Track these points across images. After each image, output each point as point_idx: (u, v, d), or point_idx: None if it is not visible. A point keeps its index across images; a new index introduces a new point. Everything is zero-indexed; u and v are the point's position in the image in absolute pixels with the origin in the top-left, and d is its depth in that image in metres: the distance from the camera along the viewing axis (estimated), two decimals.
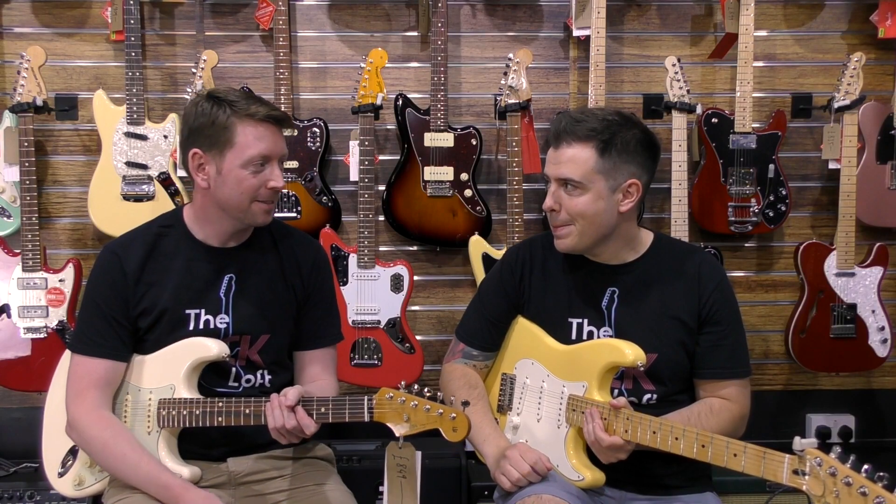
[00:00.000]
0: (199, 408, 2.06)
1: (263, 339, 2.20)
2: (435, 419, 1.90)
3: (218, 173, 2.09)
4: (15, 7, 3.24)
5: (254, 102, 2.09)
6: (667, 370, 2.14)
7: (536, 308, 2.25)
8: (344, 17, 3.33)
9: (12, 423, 3.30)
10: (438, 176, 3.19)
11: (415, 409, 1.91)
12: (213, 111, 2.07)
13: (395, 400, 1.92)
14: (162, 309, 2.14)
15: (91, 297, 2.17)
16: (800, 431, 3.19)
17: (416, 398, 1.92)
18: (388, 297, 3.16)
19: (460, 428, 1.89)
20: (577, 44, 3.30)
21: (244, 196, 2.09)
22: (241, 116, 2.06)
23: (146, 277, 2.15)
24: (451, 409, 1.90)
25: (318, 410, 1.99)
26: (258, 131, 2.07)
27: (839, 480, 1.58)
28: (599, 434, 1.95)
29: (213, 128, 2.07)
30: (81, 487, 2.17)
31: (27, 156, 3.01)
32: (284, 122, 2.13)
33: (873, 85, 3.33)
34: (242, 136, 2.06)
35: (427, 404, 1.91)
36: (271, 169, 2.10)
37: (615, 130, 2.08)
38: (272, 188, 2.10)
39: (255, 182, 2.08)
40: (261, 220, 2.15)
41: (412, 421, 1.92)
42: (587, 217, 2.10)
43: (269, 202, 2.14)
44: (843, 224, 3.21)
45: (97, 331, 2.12)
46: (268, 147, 2.08)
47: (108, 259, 2.16)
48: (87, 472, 2.16)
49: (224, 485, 2.15)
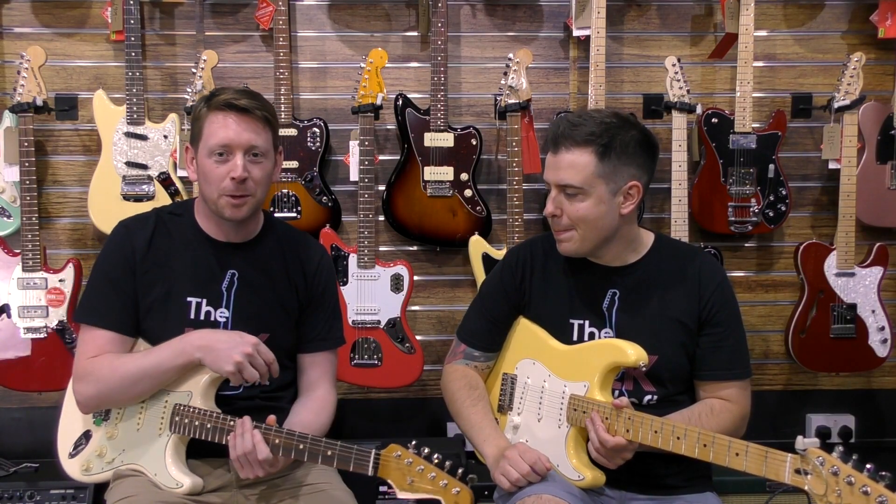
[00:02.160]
0: (211, 422, 2.05)
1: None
2: (439, 489, 1.88)
3: (198, 166, 2.13)
4: (15, 7, 3.24)
5: (227, 92, 2.08)
6: (667, 372, 2.14)
7: (537, 309, 2.25)
8: (344, 17, 3.33)
9: (12, 423, 3.30)
10: (438, 176, 3.19)
11: (420, 473, 1.89)
12: (199, 104, 2.13)
13: (403, 460, 1.90)
14: (165, 291, 2.14)
15: (101, 267, 2.18)
16: (800, 431, 3.19)
17: (423, 462, 1.89)
18: (388, 297, 3.16)
19: (462, 503, 1.88)
20: (577, 44, 3.31)
21: (212, 188, 2.09)
22: (210, 107, 2.08)
23: (152, 257, 2.16)
24: (455, 482, 1.88)
25: (325, 453, 1.98)
26: (219, 119, 2.06)
27: (841, 480, 1.58)
28: (603, 435, 1.95)
29: (195, 121, 2.13)
30: (89, 473, 2.16)
31: (27, 156, 3.01)
32: (248, 112, 2.06)
33: (873, 85, 3.33)
34: (208, 125, 2.08)
35: (433, 471, 1.88)
36: (234, 159, 2.06)
37: (614, 133, 2.08)
38: (232, 179, 2.05)
39: (219, 173, 2.06)
40: (228, 214, 2.11)
41: (415, 485, 1.90)
42: (589, 222, 2.09)
43: (235, 195, 2.08)
44: (843, 224, 3.21)
45: (104, 299, 2.13)
46: (227, 136, 2.05)
47: (120, 232, 2.19)
48: (95, 460, 2.15)
49: (227, 485, 2.14)
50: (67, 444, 2.21)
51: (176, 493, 2.06)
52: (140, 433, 2.12)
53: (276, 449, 1.98)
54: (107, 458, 2.15)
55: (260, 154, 2.10)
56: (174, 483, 2.07)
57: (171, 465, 2.08)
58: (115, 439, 2.15)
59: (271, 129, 2.13)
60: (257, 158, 2.10)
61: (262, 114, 2.09)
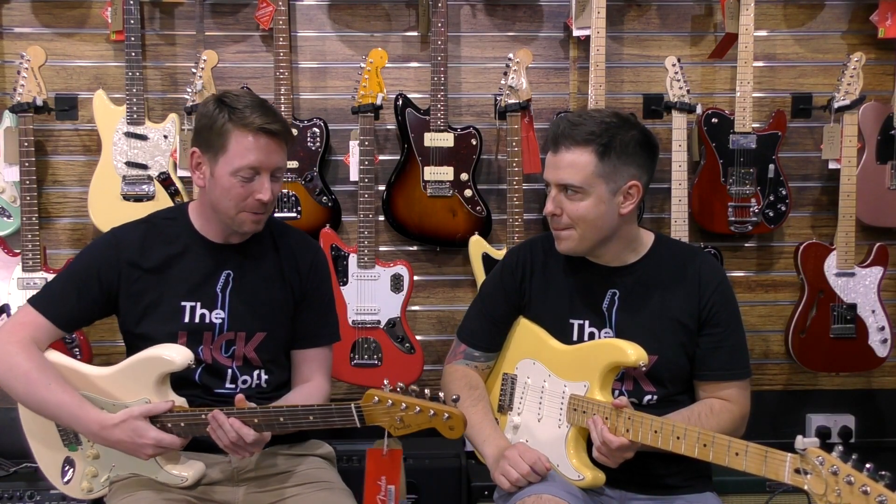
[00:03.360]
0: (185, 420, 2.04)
1: (259, 337, 2.20)
2: (430, 420, 1.88)
3: (211, 176, 2.10)
4: (15, 7, 3.24)
5: (255, 111, 2.06)
6: (667, 372, 2.14)
7: (537, 310, 2.25)
8: (344, 17, 3.33)
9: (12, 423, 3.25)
10: (438, 176, 3.19)
11: (406, 411, 1.88)
12: (215, 114, 2.08)
13: (384, 403, 1.89)
14: (158, 296, 2.15)
15: (74, 264, 2.21)
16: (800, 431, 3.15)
17: (404, 399, 1.88)
18: (388, 297, 3.16)
19: (456, 426, 1.87)
20: (577, 44, 3.31)
21: (231, 203, 2.09)
22: (237, 124, 2.05)
23: (143, 264, 2.16)
24: (444, 407, 1.87)
25: (306, 419, 1.98)
26: (250, 142, 2.05)
27: (841, 479, 1.58)
28: (607, 436, 1.95)
29: (212, 131, 2.08)
30: (93, 493, 2.17)
31: (27, 156, 3.01)
32: (280, 136, 2.09)
33: (873, 85, 3.33)
34: (235, 144, 2.06)
35: (417, 405, 1.87)
36: (261, 181, 2.08)
37: (613, 133, 2.08)
38: (258, 200, 2.08)
39: (242, 192, 2.08)
40: (248, 229, 2.14)
41: (406, 422, 1.89)
42: (588, 221, 2.10)
43: (258, 213, 2.11)
44: (843, 224, 3.21)
45: (60, 295, 2.15)
46: (258, 159, 2.06)
47: (106, 241, 2.20)
48: (92, 482, 2.16)
49: (227, 480, 2.15)
50: (54, 473, 2.22)
51: (182, 486, 2.07)
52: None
53: (258, 428, 1.99)
54: (101, 476, 2.16)
55: (281, 173, 2.15)
56: (178, 479, 2.08)
57: (167, 465, 2.08)
58: (100, 458, 2.16)
59: (289, 146, 2.16)
60: (278, 177, 2.13)
61: (288, 136, 2.12)
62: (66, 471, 2.19)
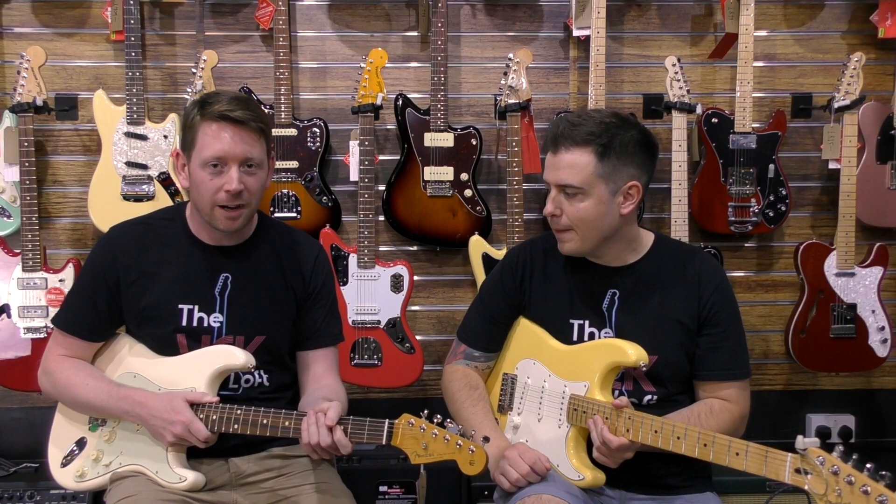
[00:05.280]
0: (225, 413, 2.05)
1: (258, 341, 2.19)
2: (454, 451, 1.90)
3: (189, 174, 2.10)
4: (15, 7, 3.24)
5: (221, 102, 2.03)
6: (667, 372, 2.14)
7: (537, 310, 2.25)
8: (344, 17, 3.33)
9: (12, 423, 3.30)
10: (438, 176, 3.19)
11: (434, 438, 1.91)
12: (191, 111, 2.08)
13: (416, 427, 1.92)
14: (155, 298, 2.14)
15: (80, 276, 2.27)
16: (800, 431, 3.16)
17: (435, 427, 1.91)
18: (388, 297, 3.16)
19: (477, 462, 1.89)
20: (577, 44, 3.31)
21: (205, 199, 2.07)
22: (203, 117, 2.04)
23: (140, 265, 2.16)
24: (469, 442, 1.90)
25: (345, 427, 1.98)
26: (213, 130, 2.03)
27: (841, 479, 1.58)
28: (607, 436, 1.95)
29: (186, 129, 2.08)
30: (83, 480, 2.16)
31: (27, 156, 3.01)
32: (244, 124, 2.03)
33: (873, 85, 3.33)
34: (202, 135, 2.04)
35: (447, 435, 1.90)
36: (229, 172, 2.04)
37: (613, 133, 2.08)
38: (227, 192, 2.04)
39: (212, 185, 2.04)
40: (222, 226, 2.10)
41: (429, 450, 1.91)
42: (589, 222, 2.09)
43: (231, 208, 2.07)
44: (843, 224, 3.21)
45: (77, 310, 2.19)
46: (222, 148, 2.02)
47: (104, 243, 2.22)
48: (90, 466, 2.15)
49: (226, 485, 2.15)
50: (60, 453, 2.21)
51: (178, 487, 2.06)
52: (140, 433, 2.12)
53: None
54: (103, 461, 2.15)
55: (254, 165, 2.08)
56: (177, 478, 2.07)
57: (174, 462, 2.08)
58: (113, 442, 2.15)
59: (265, 138, 2.11)
60: (251, 169, 2.08)
61: (257, 125, 2.07)
62: (72, 452, 2.19)
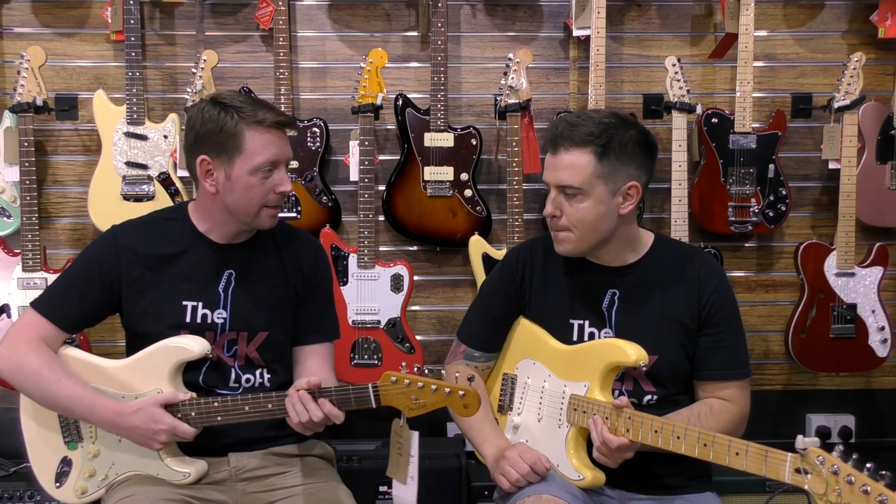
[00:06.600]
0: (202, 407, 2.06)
1: (262, 337, 2.21)
2: (445, 398, 1.91)
3: (227, 179, 2.10)
4: (15, 7, 3.24)
5: (260, 108, 2.11)
6: (667, 372, 2.14)
7: (537, 310, 2.25)
8: (344, 17, 3.33)
9: (12, 423, 3.24)
10: (438, 176, 3.19)
11: (422, 390, 1.92)
12: (221, 118, 2.08)
13: (401, 383, 1.93)
14: (159, 296, 2.15)
15: (74, 265, 2.23)
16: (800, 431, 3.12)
17: (421, 379, 1.92)
18: (388, 297, 3.16)
19: (471, 403, 1.91)
20: (577, 44, 3.31)
21: (253, 202, 2.12)
22: (249, 123, 2.08)
23: (143, 263, 2.16)
24: (458, 386, 1.92)
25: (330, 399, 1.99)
26: (266, 137, 2.09)
27: (841, 479, 1.58)
28: (607, 436, 1.95)
29: (222, 134, 2.08)
30: (86, 496, 2.16)
31: (27, 156, 3.01)
32: (290, 126, 2.18)
33: (873, 85, 3.33)
34: (251, 142, 2.08)
35: (434, 384, 1.92)
36: (279, 173, 2.13)
37: (612, 133, 2.07)
38: (281, 192, 2.13)
39: (263, 188, 2.11)
40: (267, 225, 2.18)
41: (420, 402, 1.93)
42: (587, 223, 2.09)
43: (277, 206, 2.17)
44: (843, 224, 3.21)
45: (62, 298, 2.17)
46: (276, 153, 2.11)
47: (106, 240, 2.21)
48: (89, 483, 2.15)
49: (225, 481, 2.15)
50: (46, 474, 2.20)
51: (185, 482, 2.08)
52: (125, 443, 2.12)
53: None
54: (99, 475, 2.15)
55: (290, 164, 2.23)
56: (180, 475, 2.08)
57: (171, 461, 2.08)
58: (100, 456, 2.15)
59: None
60: (289, 167, 2.23)
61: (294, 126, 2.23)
62: (62, 472, 2.18)
